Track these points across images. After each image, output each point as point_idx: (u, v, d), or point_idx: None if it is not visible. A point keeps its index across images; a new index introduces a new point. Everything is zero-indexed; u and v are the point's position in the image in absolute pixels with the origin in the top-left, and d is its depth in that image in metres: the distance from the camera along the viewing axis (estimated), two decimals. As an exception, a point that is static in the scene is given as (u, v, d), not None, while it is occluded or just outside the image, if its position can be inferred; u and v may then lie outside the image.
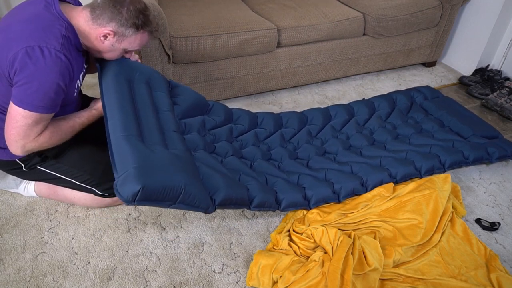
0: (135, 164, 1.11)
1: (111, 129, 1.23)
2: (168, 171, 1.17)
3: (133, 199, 1.08)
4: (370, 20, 2.37)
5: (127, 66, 1.43)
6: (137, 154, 1.14)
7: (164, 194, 1.13)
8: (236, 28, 2.02)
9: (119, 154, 1.15)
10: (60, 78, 1.14)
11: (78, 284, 1.29)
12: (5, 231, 1.45)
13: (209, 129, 1.72)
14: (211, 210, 1.28)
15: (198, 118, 1.68)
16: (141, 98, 1.40)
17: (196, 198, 1.20)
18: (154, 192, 1.11)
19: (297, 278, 1.26)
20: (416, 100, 2.28)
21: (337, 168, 1.71)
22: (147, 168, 1.12)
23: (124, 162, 1.13)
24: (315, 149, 1.83)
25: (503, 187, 1.82)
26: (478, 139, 1.96)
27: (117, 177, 1.11)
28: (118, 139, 1.19)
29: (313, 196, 1.55)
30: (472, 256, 1.44)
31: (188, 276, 1.34)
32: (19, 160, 1.35)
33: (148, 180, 1.09)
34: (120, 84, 1.36)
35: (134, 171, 1.09)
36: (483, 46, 2.64)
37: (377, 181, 1.65)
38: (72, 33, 1.20)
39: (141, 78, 1.47)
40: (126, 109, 1.28)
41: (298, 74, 2.38)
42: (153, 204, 1.14)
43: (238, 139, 1.79)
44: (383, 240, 1.45)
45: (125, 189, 1.08)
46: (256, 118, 1.92)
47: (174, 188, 1.15)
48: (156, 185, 1.11)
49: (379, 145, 1.90)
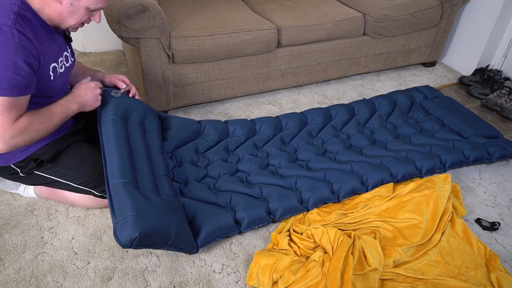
0: (133, 212, 1.19)
1: (109, 173, 1.30)
2: (162, 218, 1.25)
3: (130, 244, 1.16)
4: (370, 20, 2.37)
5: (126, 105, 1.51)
6: (134, 202, 1.22)
7: (157, 239, 1.23)
8: (236, 28, 2.02)
9: (117, 200, 1.23)
10: (16, 55, 1.07)
11: (78, 284, 1.29)
12: (5, 231, 1.45)
13: (203, 152, 1.77)
14: (195, 251, 1.36)
15: (190, 145, 1.76)
16: (136, 140, 1.47)
17: (184, 241, 1.30)
18: (149, 238, 1.20)
19: (297, 278, 1.26)
20: (417, 100, 2.28)
21: (337, 168, 1.71)
22: (143, 215, 1.20)
23: (122, 209, 1.20)
24: (315, 149, 1.83)
25: (503, 187, 1.82)
26: (478, 138, 1.96)
27: (115, 222, 1.19)
28: (116, 185, 1.26)
29: (310, 198, 1.55)
30: (472, 256, 1.44)
31: (188, 276, 1.34)
32: (15, 165, 1.35)
33: (144, 227, 1.18)
34: (118, 126, 1.42)
35: (133, 219, 1.17)
36: (483, 46, 2.64)
37: (377, 180, 1.65)
38: (29, 11, 1.15)
39: (137, 119, 1.54)
40: (123, 154, 1.35)
41: (298, 74, 2.38)
42: (147, 247, 1.23)
43: (235, 152, 1.80)
44: (383, 240, 1.45)
45: (123, 234, 1.16)
46: (254, 125, 1.93)
47: (166, 233, 1.24)
48: (151, 231, 1.19)
49: (379, 145, 1.90)
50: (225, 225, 1.42)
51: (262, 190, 1.57)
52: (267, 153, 1.82)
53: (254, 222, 1.47)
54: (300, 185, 1.60)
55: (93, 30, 2.62)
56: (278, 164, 1.75)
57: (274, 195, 1.54)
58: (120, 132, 1.41)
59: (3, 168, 1.36)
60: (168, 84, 2.00)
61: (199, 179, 1.62)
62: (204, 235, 1.37)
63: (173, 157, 1.69)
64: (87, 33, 2.64)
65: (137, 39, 1.81)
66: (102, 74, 1.56)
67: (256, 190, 1.58)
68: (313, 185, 1.58)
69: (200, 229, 1.38)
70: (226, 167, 1.68)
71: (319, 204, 1.57)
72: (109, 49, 2.79)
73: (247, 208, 1.47)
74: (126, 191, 1.25)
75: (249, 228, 1.46)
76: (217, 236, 1.40)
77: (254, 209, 1.48)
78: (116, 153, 1.34)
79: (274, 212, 1.51)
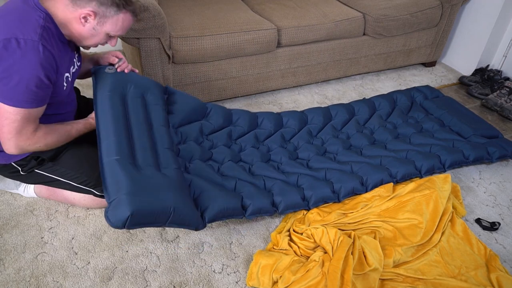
0: (126, 191, 1.15)
1: (104, 150, 1.26)
2: (158, 196, 1.20)
3: (122, 225, 1.12)
4: (370, 20, 2.37)
5: (122, 80, 1.45)
6: (128, 180, 1.18)
7: (154, 218, 1.17)
8: (236, 28, 2.02)
9: (111, 178, 1.19)
10: (40, 70, 1.10)
11: (78, 284, 1.29)
12: (5, 231, 1.45)
13: (207, 134, 1.74)
14: (202, 227, 1.31)
15: (195, 124, 1.70)
16: (135, 115, 1.42)
17: (186, 217, 1.24)
18: (143, 217, 1.15)
19: (297, 278, 1.26)
20: (417, 100, 2.28)
21: (337, 168, 1.71)
22: (137, 194, 1.16)
23: (115, 188, 1.16)
24: (315, 149, 1.83)
25: (503, 187, 1.82)
26: (478, 138, 1.96)
27: (107, 199, 1.15)
28: (110, 162, 1.22)
29: (312, 196, 1.55)
30: (472, 256, 1.44)
31: (188, 276, 1.34)
32: (16, 163, 1.35)
33: (137, 206, 1.13)
34: (114, 102, 1.38)
35: (126, 197, 1.13)
36: (483, 46, 2.64)
37: (377, 180, 1.65)
38: (52, 24, 1.17)
39: (136, 92, 1.48)
40: (120, 130, 1.31)
41: (298, 74, 2.38)
42: (144, 226, 1.18)
43: (238, 141, 1.79)
44: (383, 240, 1.45)
45: (115, 215, 1.11)
46: (256, 118, 1.92)
47: (163, 211, 1.18)
48: (145, 211, 1.15)
49: (379, 145, 1.90)
50: (233, 207, 1.39)
51: (265, 183, 1.56)
52: (268, 147, 1.82)
53: (259, 211, 1.44)
54: (301, 182, 1.60)
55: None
56: (279, 160, 1.74)
57: (277, 189, 1.52)
58: (117, 108, 1.37)
59: (4, 166, 1.36)
60: (168, 84, 2.00)
61: (204, 160, 1.59)
62: (211, 213, 1.33)
63: (177, 133, 1.63)
64: (87, 33, 2.64)
65: (137, 39, 1.81)
66: (97, 55, 1.56)
67: (259, 181, 1.56)
68: (315, 184, 1.58)
69: (207, 206, 1.34)
70: (229, 154, 1.66)
71: (320, 203, 1.57)
72: (109, 49, 2.79)
73: (254, 196, 1.45)
74: (121, 168, 1.20)
75: (253, 216, 1.43)
76: (223, 216, 1.36)
77: (260, 198, 1.46)
78: (112, 129, 1.30)
79: (277, 205, 1.50)
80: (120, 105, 1.40)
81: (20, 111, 1.12)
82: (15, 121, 1.13)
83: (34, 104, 1.14)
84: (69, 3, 1.17)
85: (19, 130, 1.15)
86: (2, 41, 1.07)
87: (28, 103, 1.12)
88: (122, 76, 1.47)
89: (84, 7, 1.17)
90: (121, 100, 1.42)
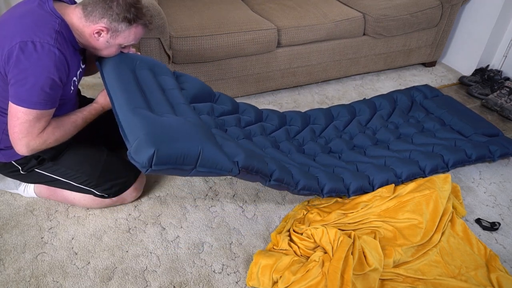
0: (145, 131, 1.10)
1: (118, 107, 1.22)
2: (182, 134, 1.14)
3: (149, 163, 1.06)
4: (370, 20, 2.37)
5: (127, 57, 1.43)
6: (146, 121, 1.13)
7: (181, 158, 1.11)
8: (236, 28, 2.02)
9: (129, 126, 1.14)
10: (55, 72, 1.14)
11: (78, 284, 1.29)
12: (5, 231, 1.45)
13: (217, 116, 1.70)
14: (236, 171, 1.22)
15: (206, 104, 1.65)
16: (146, 81, 1.39)
17: (218, 159, 1.16)
18: (170, 156, 1.08)
19: (297, 278, 1.26)
20: (417, 99, 2.28)
21: (343, 166, 1.71)
22: (158, 131, 1.11)
23: (134, 131, 1.11)
24: (320, 147, 1.83)
25: (503, 187, 1.82)
26: (479, 137, 1.96)
27: (129, 147, 1.09)
28: (125, 113, 1.18)
29: (326, 185, 1.54)
30: (472, 256, 1.44)
31: (188, 276, 1.34)
32: (16, 162, 1.35)
33: (160, 143, 1.08)
34: (122, 71, 1.36)
35: (145, 137, 1.08)
36: (483, 46, 2.64)
37: (383, 180, 1.64)
38: (66, 30, 1.20)
39: (143, 65, 1.46)
40: (131, 89, 1.28)
41: (298, 74, 2.38)
42: (173, 170, 1.11)
43: (246, 128, 1.77)
44: (383, 240, 1.45)
45: (139, 155, 1.06)
46: (261, 113, 1.92)
47: (190, 150, 1.12)
48: (170, 148, 1.09)
49: (382, 145, 1.90)
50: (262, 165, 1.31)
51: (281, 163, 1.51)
52: (275, 139, 1.81)
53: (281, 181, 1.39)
54: (313, 172, 1.58)
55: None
56: (288, 151, 1.73)
57: (295, 170, 1.49)
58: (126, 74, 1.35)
59: (4, 165, 1.36)
60: (168, 84, 2.00)
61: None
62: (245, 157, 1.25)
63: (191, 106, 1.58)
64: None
65: (137, 39, 1.81)
66: None
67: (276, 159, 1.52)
68: (326, 175, 1.57)
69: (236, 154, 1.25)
70: (242, 134, 1.62)
71: (333, 194, 1.55)
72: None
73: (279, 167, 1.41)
74: (136, 114, 1.16)
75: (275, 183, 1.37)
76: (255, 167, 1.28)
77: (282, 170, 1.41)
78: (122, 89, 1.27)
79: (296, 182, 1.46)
80: (128, 73, 1.37)
81: (32, 112, 1.14)
82: (27, 121, 1.15)
83: (47, 106, 1.17)
84: (82, 16, 1.21)
85: (30, 131, 1.17)
86: (18, 44, 1.10)
87: (41, 104, 1.15)
88: (127, 55, 1.44)
89: (96, 23, 1.21)
90: (130, 70, 1.40)
